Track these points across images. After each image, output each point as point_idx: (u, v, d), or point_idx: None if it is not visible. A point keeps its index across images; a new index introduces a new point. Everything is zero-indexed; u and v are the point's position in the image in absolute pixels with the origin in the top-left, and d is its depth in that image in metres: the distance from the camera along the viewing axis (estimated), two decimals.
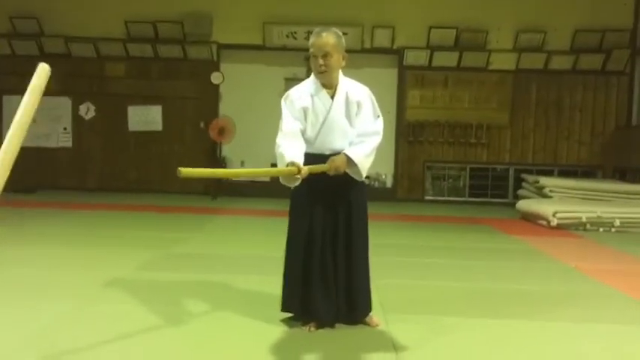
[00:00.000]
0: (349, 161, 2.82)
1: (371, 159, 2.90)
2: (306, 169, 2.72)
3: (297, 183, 2.80)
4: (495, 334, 3.01)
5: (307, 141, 2.90)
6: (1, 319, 2.98)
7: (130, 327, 2.91)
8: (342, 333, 2.91)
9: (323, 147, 2.90)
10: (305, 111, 2.89)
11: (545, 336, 2.99)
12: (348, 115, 2.91)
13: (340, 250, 2.90)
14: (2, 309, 3.15)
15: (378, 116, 2.98)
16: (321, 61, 2.84)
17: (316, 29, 2.93)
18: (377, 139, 2.92)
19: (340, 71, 2.96)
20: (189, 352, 2.63)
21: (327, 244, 2.89)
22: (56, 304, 3.26)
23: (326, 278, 2.88)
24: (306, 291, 2.89)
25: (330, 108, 2.89)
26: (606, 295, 3.84)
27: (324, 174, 2.82)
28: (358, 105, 2.91)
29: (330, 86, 2.92)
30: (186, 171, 2.31)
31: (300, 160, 2.74)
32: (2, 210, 6.94)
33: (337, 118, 2.89)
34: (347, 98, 2.90)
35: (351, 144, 2.90)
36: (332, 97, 2.91)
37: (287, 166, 2.73)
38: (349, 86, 2.94)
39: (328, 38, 2.85)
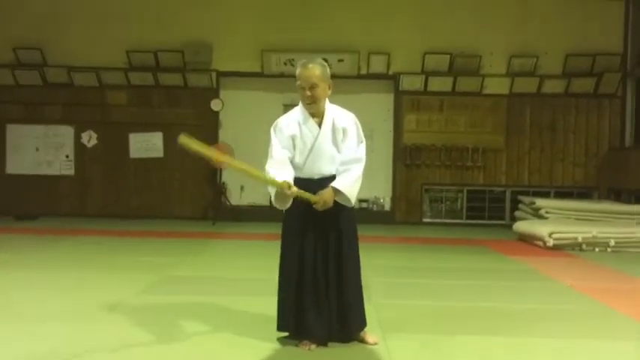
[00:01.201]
0: (337, 192, 2.94)
1: (357, 185, 3.00)
2: (295, 189, 2.86)
3: (288, 204, 2.94)
4: (493, 351, 3.07)
5: (296, 167, 3.03)
6: (6, 341, 3.05)
7: (132, 348, 2.98)
8: (340, 351, 2.98)
9: (312, 172, 3.03)
10: (293, 139, 3.02)
11: (541, 353, 3.06)
12: (334, 142, 3.03)
13: (331, 272, 2.99)
14: (7, 331, 3.22)
15: (362, 142, 3.07)
16: (308, 93, 2.98)
17: (301, 61, 3.06)
18: (360, 166, 3.02)
19: (327, 99, 3.09)
20: None
21: (318, 266, 2.98)
22: (59, 326, 3.33)
23: (318, 299, 2.97)
24: (300, 312, 2.99)
25: (318, 135, 3.02)
26: (602, 313, 3.91)
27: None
28: (344, 131, 3.03)
29: (317, 114, 3.05)
30: (185, 139, 2.67)
31: (291, 181, 2.90)
32: (5, 236, 7.02)
33: (324, 145, 3.02)
34: (333, 125, 3.03)
35: (337, 170, 3.02)
36: (319, 125, 3.03)
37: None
38: (335, 113, 3.07)
39: (314, 70, 2.97)
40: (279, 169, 2.94)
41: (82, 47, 9.21)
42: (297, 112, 3.09)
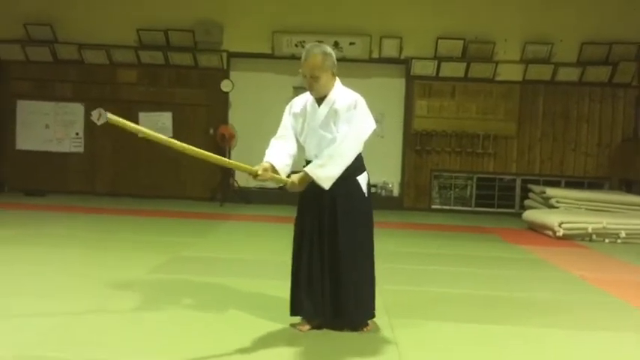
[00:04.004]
0: (307, 176, 2.91)
1: (328, 168, 2.89)
2: (267, 175, 2.88)
3: (278, 185, 3.03)
4: (499, 340, 3.06)
5: (301, 147, 3.10)
6: (21, 315, 3.07)
7: (140, 326, 2.99)
8: (345, 336, 2.97)
9: (309, 153, 3.06)
10: (296, 118, 3.09)
11: (548, 342, 3.04)
12: (326, 124, 2.99)
13: (326, 255, 2.98)
14: (16, 306, 3.24)
15: (349, 122, 2.94)
16: (308, 82, 2.98)
17: (307, 46, 3.04)
18: (334, 147, 2.91)
19: (338, 80, 3.05)
20: (193, 346, 2.70)
21: (314, 248, 2.98)
22: (72, 302, 3.35)
23: (311, 279, 2.98)
24: (295, 292, 3.02)
25: (313, 117, 3.02)
26: (610, 304, 3.88)
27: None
28: (336, 114, 2.97)
29: (322, 98, 3.03)
30: (113, 118, 2.64)
31: (278, 162, 2.95)
32: (14, 212, 7.07)
33: (316, 128, 3.01)
34: (330, 108, 2.99)
35: None
36: (319, 108, 3.02)
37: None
38: (338, 96, 3.00)
39: (316, 60, 2.94)
40: (275, 147, 3.02)
41: (93, 24, 9.17)
42: (309, 93, 3.09)
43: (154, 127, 9.30)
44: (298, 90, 9.31)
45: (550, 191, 7.93)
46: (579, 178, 9.24)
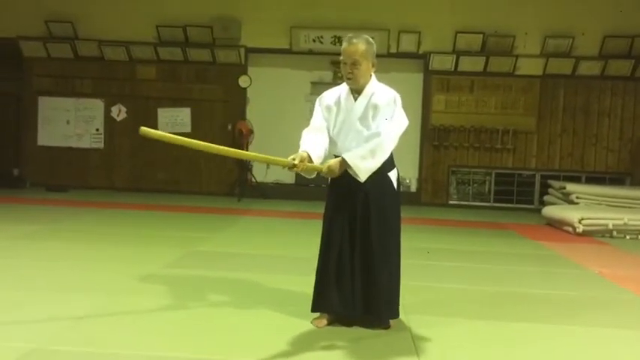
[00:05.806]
0: (345, 163, 2.87)
1: (369, 161, 2.87)
2: (303, 165, 2.82)
3: (311, 176, 2.96)
4: (516, 337, 3.04)
5: (332, 141, 3.03)
6: (40, 310, 3.12)
7: (154, 320, 3.03)
8: (364, 333, 2.98)
9: (342, 148, 3.00)
10: (329, 111, 3.02)
11: (566, 340, 3.01)
12: (364, 119, 2.96)
13: (357, 252, 2.97)
14: (40, 300, 3.30)
15: (390, 118, 2.95)
16: (349, 69, 2.93)
17: (348, 35, 3.00)
18: (377, 141, 2.89)
19: (373, 75, 3.02)
20: (209, 341, 2.73)
21: (345, 244, 2.97)
22: (90, 297, 3.40)
23: (340, 275, 2.96)
24: (321, 286, 3.00)
25: (350, 111, 2.97)
26: (629, 302, 3.83)
27: (349, 176, 2.89)
28: (375, 108, 2.94)
29: (358, 91, 2.99)
30: (145, 130, 2.60)
31: (313, 153, 2.89)
32: (37, 207, 7.19)
33: (353, 121, 2.97)
34: (368, 102, 2.96)
35: None
36: (355, 101, 2.98)
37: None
38: (375, 90, 2.98)
39: (358, 46, 2.91)
40: (309, 137, 2.96)
41: (113, 21, 9.26)
42: (342, 86, 3.07)
43: (173, 123, 9.40)
44: (316, 85, 9.33)
45: (570, 187, 7.83)
46: (600, 174, 9.11)
